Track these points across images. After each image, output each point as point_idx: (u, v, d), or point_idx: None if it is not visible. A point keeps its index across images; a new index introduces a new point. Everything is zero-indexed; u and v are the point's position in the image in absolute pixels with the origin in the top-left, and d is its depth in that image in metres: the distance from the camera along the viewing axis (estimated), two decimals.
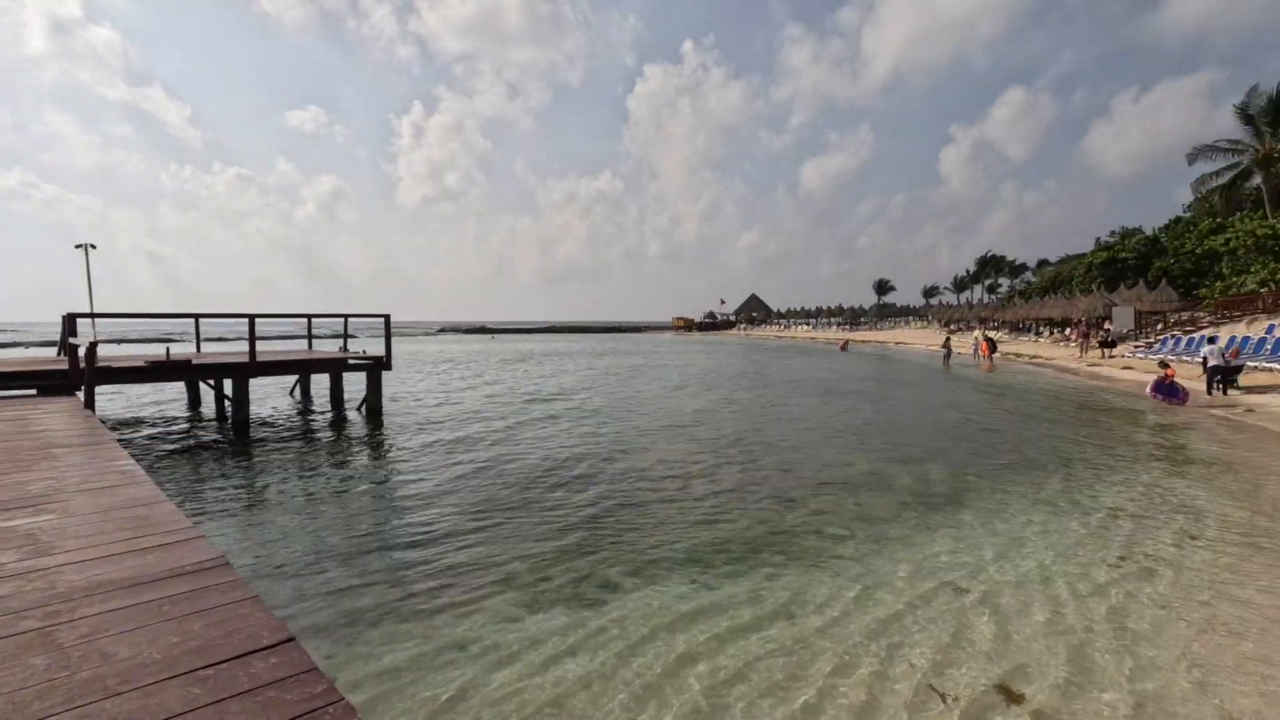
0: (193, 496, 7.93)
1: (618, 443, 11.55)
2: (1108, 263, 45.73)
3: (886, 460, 10.03)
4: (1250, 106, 38.14)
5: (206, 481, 8.70)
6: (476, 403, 16.90)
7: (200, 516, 7.07)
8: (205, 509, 7.41)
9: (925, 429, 12.84)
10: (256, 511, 7.40)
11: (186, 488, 8.29)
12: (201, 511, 7.28)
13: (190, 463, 9.84)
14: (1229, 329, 29.98)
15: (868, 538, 6.48)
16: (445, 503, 7.74)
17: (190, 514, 7.04)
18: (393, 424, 13.36)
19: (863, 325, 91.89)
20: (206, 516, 7.12)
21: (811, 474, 9.17)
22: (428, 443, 11.41)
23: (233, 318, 13.07)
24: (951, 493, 8.13)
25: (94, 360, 8.93)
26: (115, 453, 6.16)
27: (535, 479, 8.91)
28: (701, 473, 9.31)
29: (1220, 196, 39.74)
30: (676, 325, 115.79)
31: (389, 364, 14.36)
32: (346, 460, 10.25)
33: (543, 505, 7.69)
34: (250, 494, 8.14)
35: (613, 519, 7.16)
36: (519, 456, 10.37)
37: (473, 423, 13.61)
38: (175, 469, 9.40)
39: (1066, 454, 10.30)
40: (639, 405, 16.64)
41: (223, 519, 7.07)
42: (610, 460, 10.11)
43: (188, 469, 9.41)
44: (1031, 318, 46.51)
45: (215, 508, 7.49)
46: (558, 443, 11.47)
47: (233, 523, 6.95)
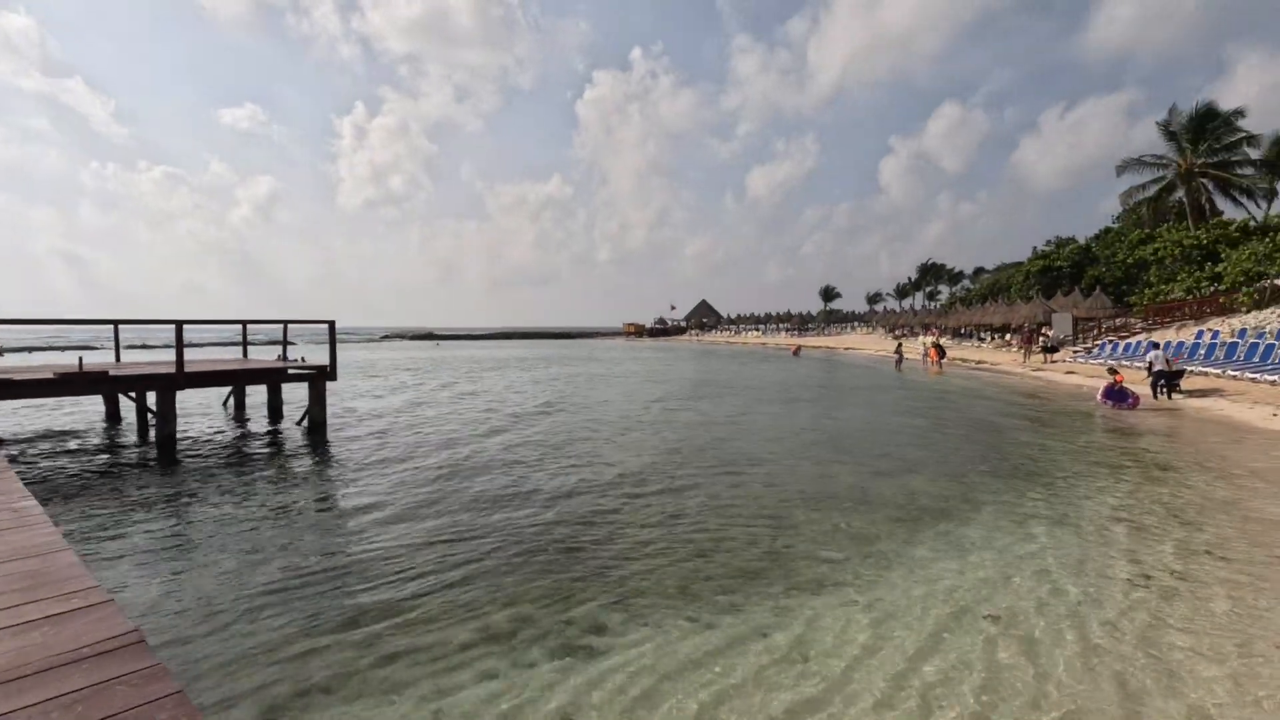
0: (104, 536, 6.93)
1: (589, 460, 10.93)
2: (1044, 270, 47.55)
3: (867, 472, 9.72)
4: (1172, 124, 40.27)
5: (122, 515, 7.68)
6: (431, 416, 15.98)
7: (112, 564, 6.10)
8: (119, 552, 6.44)
9: (897, 437, 12.65)
10: (182, 553, 6.48)
11: (97, 525, 7.26)
12: (115, 556, 6.31)
13: (104, 491, 8.75)
14: (1160, 334, 31.38)
15: (868, 560, 6.07)
16: (404, 534, 6.98)
17: (100, 561, 6.09)
18: (339, 441, 12.38)
19: (811, 331, 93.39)
20: (120, 562, 6.16)
21: (795, 489, 8.76)
22: (379, 462, 10.54)
23: (157, 324, 11.87)
24: (941, 507, 7.83)
25: None
26: (7, 485, 5.23)
27: (502, 503, 8.22)
28: (680, 490, 8.78)
29: (1147, 208, 41.79)
30: (627, 331, 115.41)
31: (334, 374, 13.35)
32: (287, 484, 9.31)
33: (513, 533, 7.02)
34: (175, 530, 7.19)
35: (592, 547, 6.55)
36: (482, 477, 9.63)
37: (428, 439, 12.75)
38: (85, 500, 8.31)
39: (1041, 462, 10.21)
40: (607, 418, 16.04)
41: (140, 566, 6.12)
42: (582, 480, 9.49)
43: (100, 500, 8.33)
44: (973, 324, 47.91)
45: (131, 550, 6.53)
46: (524, 461, 10.77)
47: (152, 571, 6.01)
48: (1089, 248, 46.58)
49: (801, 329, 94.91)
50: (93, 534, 6.83)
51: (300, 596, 5.31)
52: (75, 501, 8.05)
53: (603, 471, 9.85)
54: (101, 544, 6.52)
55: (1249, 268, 27.38)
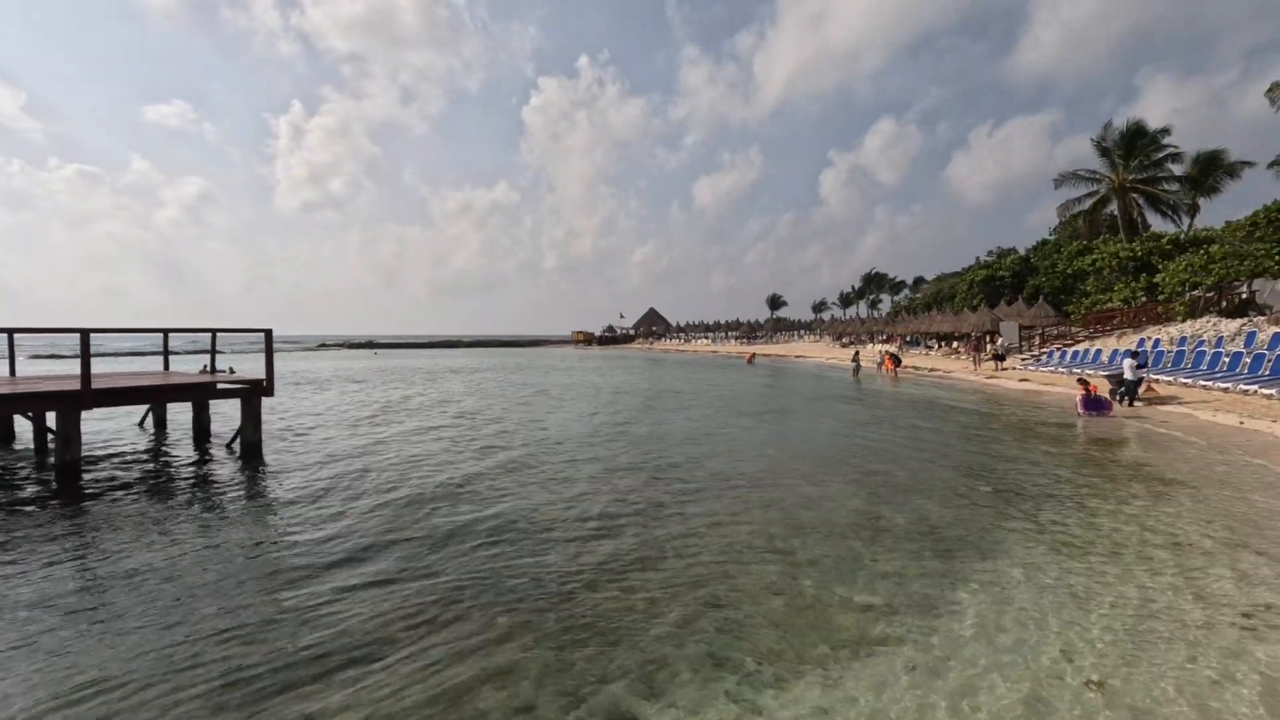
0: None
1: (565, 485, 9.91)
2: (987, 280, 48.90)
3: (866, 493, 9.04)
4: (1105, 140, 42.00)
5: (10, 563, 6.27)
6: (382, 436, 14.61)
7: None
8: (3, 611, 5.12)
9: (882, 453, 12.09)
10: (77, 621, 5.19)
11: None
12: None
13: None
14: (1101, 343, 32.39)
15: (911, 607, 5.31)
16: (359, 584, 5.85)
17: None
18: (276, 466, 10.98)
19: (759, 339, 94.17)
20: (4, 627, 4.86)
21: (799, 515, 7.98)
22: (323, 492, 9.26)
23: (59, 333, 10.25)
24: (961, 535, 7.18)
25: None
26: None
27: (472, 543, 7.13)
28: (676, 518, 7.88)
29: (1083, 220, 43.44)
30: (576, 339, 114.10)
31: (271, 389, 11.91)
32: (216, 522, 7.97)
33: (491, 584, 5.97)
34: (70, 587, 5.84)
35: (589, 598, 5.58)
36: (445, 509, 8.50)
37: (379, 464, 11.47)
38: None
39: (1041, 479, 9.76)
40: (577, 434, 15.01)
41: (17, 638, 4.84)
42: (565, 509, 8.47)
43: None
44: (921, 332, 48.81)
45: (20, 607, 5.21)
46: (494, 489, 9.66)
47: (32, 648, 4.74)
48: (1029, 258, 48.13)
49: (750, 337, 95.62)
50: None
51: (227, 681, 4.17)
52: None
53: (585, 500, 8.86)
54: None
55: (1185, 279, 28.45)
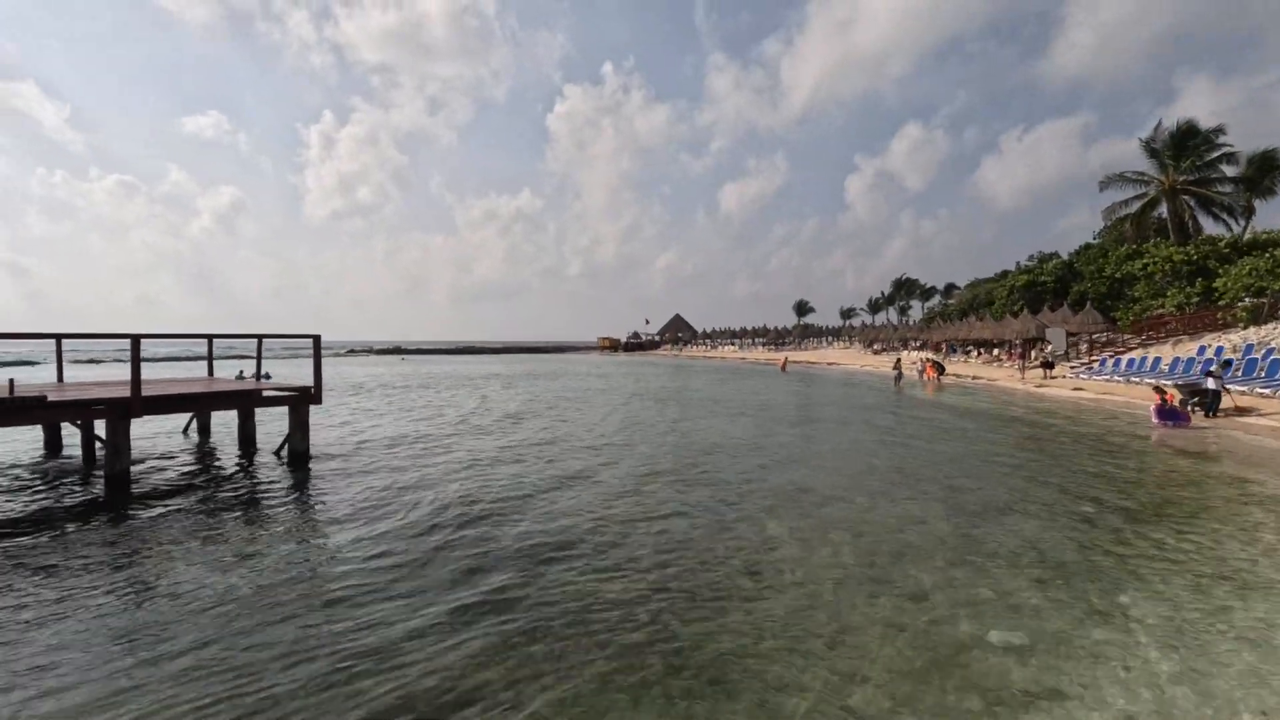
0: (33, 612, 5.19)
1: (632, 500, 9.40)
2: (1028, 285, 47.56)
3: (956, 512, 8.39)
4: (1155, 141, 40.63)
5: (59, 579, 5.92)
6: (431, 444, 14.24)
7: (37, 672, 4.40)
8: (53, 636, 4.73)
9: (957, 467, 11.39)
10: (134, 649, 4.78)
11: (23, 592, 5.50)
12: (43, 651, 4.60)
13: (40, 546, 6.93)
14: (1156, 350, 31.12)
15: (1053, 646, 4.68)
16: (432, 614, 5.38)
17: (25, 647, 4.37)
18: (326, 476, 10.62)
19: (787, 345, 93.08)
20: (51, 650, 4.47)
21: (892, 539, 7.36)
22: (378, 504, 8.85)
23: (109, 338, 10.05)
24: (1078, 560, 6.51)
25: None
26: None
27: (550, 562, 6.64)
28: (763, 543, 7.32)
29: (1131, 224, 42.03)
30: (602, 345, 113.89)
31: (319, 396, 11.59)
32: (271, 539, 7.58)
33: (581, 613, 5.46)
34: (123, 611, 5.45)
35: (688, 634, 5.04)
36: (512, 523, 8.03)
37: (434, 473, 11.07)
38: (11, 558, 6.50)
39: (1140, 496, 9.02)
40: (634, 442, 14.51)
41: (69, 668, 4.44)
42: (634, 525, 7.95)
43: (33, 558, 6.53)
44: (961, 338, 47.56)
45: (68, 628, 4.82)
46: (557, 502, 9.17)
47: (89, 663, 4.34)
48: (1072, 263, 46.71)
49: (778, 344, 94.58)
50: (14, 607, 5.07)
51: (303, 708, 3.71)
52: None
53: (657, 516, 8.33)
54: (24, 617, 4.79)
55: (1249, 283, 27.15)
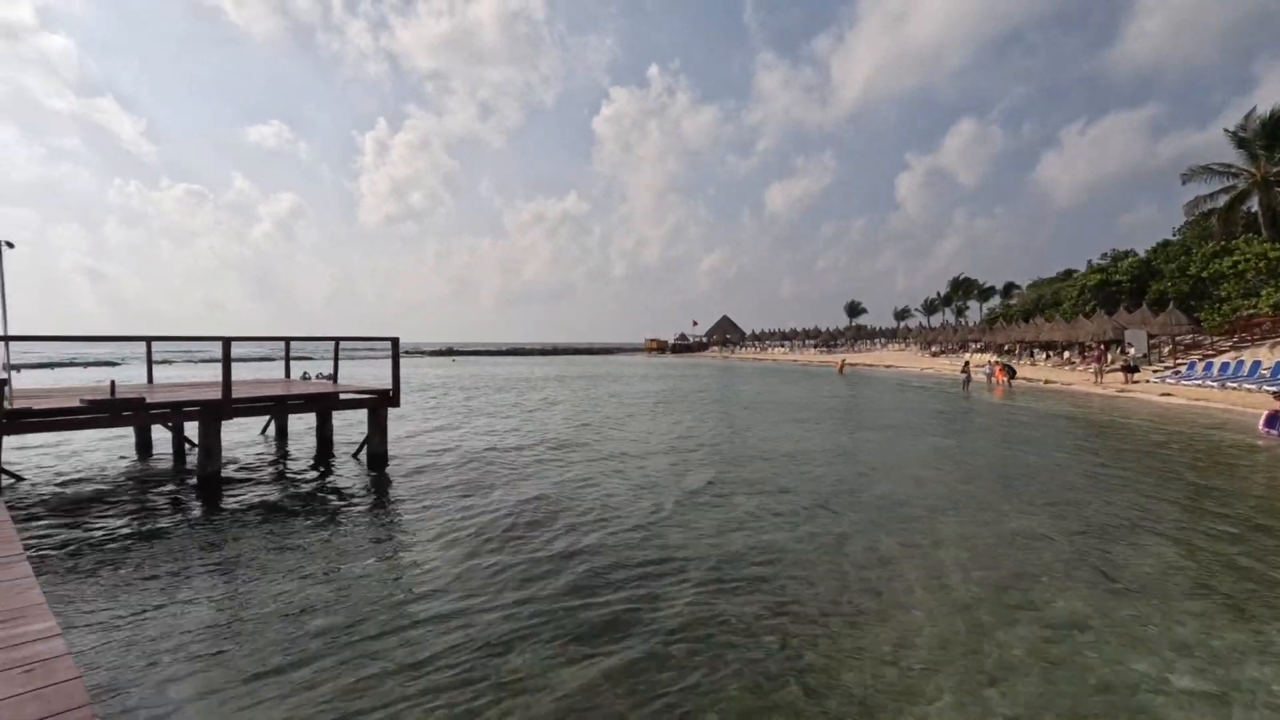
0: (135, 630, 5.14)
1: (724, 512, 9.05)
2: (1101, 285, 45.28)
3: (1079, 530, 7.76)
4: (1245, 130, 38.14)
5: (155, 591, 5.90)
6: (505, 445, 14.16)
7: (134, 683, 4.31)
8: (153, 657, 4.65)
9: (1057, 478, 10.67)
10: (237, 653, 4.66)
11: (126, 605, 5.48)
12: (148, 665, 4.52)
13: (142, 550, 6.97)
14: (1250, 353, 29.13)
15: (1251, 692, 4.14)
16: (538, 630, 5.13)
17: (126, 672, 4.28)
18: (406, 477, 10.60)
19: (839, 347, 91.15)
20: (154, 670, 4.37)
21: (1017, 559, 6.82)
22: (467, 513, 8.72)
23: (198, 340, 10.24)
24: (1240, 590, 5.88)
25: (2, 407, 6.07)
26: (17, 569, 3.48)
27: (656, 580, 6.34)
28: (878, 562, 6.87)
29: (1217, 219, 39.56)
30: (650, 347, 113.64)
31: (397, 399, 11.59)
32: (365, 544, 7.49)
33: (708, 642, 5.14)
34: (227, 620, 5.37)
35: (824, 665, 4.66)
36: (607, 534, 7.78)
37: (512, 477, 10.93)
38: (113, 562, 6.54)
39: (1271, 514, 8.23)
40: (715, 450, 14.15)
41: (166, 679, 4.32)
42: (738, 540, 7.60)
43: (137, 562, 6.56)
44: (1028, 340, 45.57)
45: (167, 647, 4.74)
46: (651, 516, 8.89)
47: (183, 686, 4.22)
48: (1150, 261, 44.24)
49: (830, 345, 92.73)
50: (121, 623, 5.03)
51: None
52: (102, 564, 6.29)
53: (758, 530, 7.96)
54: (124, 636, 4.73)
55: None
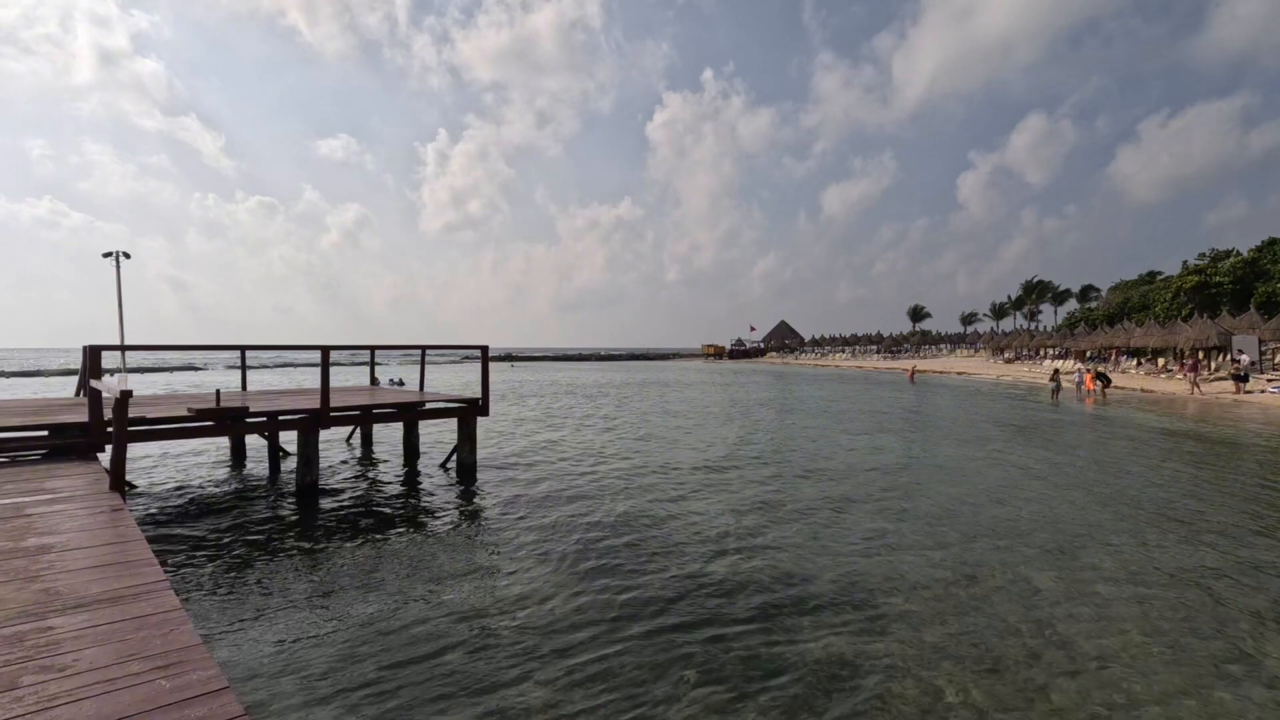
0: (273, 656, 4.92)
1: (834, 528, 8.45)
2: (1199, 287, 42.29)
3: (1248, 561, 6.86)
4: None
5: (269, 601, 5.71)
6: (586, 453, 13.86)
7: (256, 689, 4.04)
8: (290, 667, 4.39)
9: (1208, 501, 9.62)
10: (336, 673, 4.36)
11: (257, 624, 5.29)
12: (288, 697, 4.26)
13: (256, 565, 6.87)
14: None
15: None
16: (666, 671, 4.68)
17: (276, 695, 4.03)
18: (497, 488, 10.37)
19: (904, 353, 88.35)
20: (261, 684, 4.10)
21: (1217, 606, 6.02)
22: (565, 527, 8.39)
23: (299, 349, 10.28)
24: None
25: (125, 418, 6.02)
26: (159, 601, 3.25)
27: (769, 601, 5.82)
28: (1044, 599, 6.18)
29: None
30: (707, 352, 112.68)
31: (486, 408, 11.41)
32: (470, 560, 7.22)
33: (852, 677, 4.60)
34: (355, 630, 5.10)
35: (994, 713, 4.06)
36: (706, 553, 7.30)
37: (603, 487, 10.58)
38: (235, 578, 6.42)
39: None
40: (800, 459, 13.54)
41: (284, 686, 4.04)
42: (851, 559, 7.01)
43: (261, 578, 6.43)
44: (1117, 346, 42.92)
45: (302, 670, 4.48)
46: (754, 534, 8.39)
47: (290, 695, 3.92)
48: (1255, 261, 41.07)
49: (894, 351, 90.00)
50: (256, 643, 4.83)
51: None
52: (221, 577, 6.17)
53: (898, 557, 7.34)
54: (261, 661, 4.49)
55: None
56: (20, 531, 4.58)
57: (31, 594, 3.45)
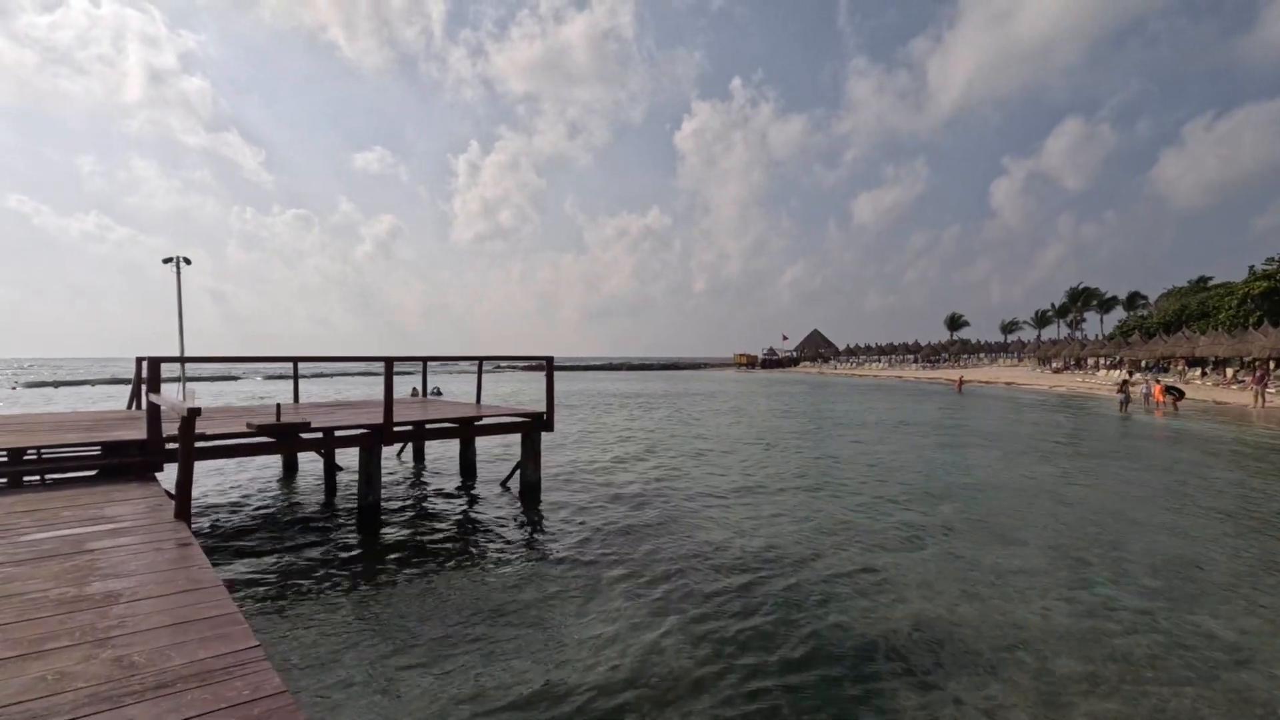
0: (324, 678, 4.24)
1: (947, 560, 7.58)
2: (1268, 293, 40.14)
3: None
4: None
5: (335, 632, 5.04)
6: (658, 475, 13.12)
7: None
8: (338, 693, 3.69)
9: None
10: None
11: (328, 666, 4.62)
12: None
13: (330, 604, 6.24)
14: None
15: None
16: None
17: None
18: (561, 509, 9.68)
19: (943, 362, 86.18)
20: None
21: None
22: (643, 557, 7.64)
23: (355, 360, 9.75)
24: None
25: (192, 439, 5.43)
26: (257, 681, 2.58)
27: (901, 655, 4.99)
28: (1230, 652, 5.26)
29: None
30: (739, 362, 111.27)
31: (550, 423, 10.73)
32: (552, 593, 6.50)
33: None
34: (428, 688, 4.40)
35: None
36: (804, 589, 6.49)
37: (675, 511, 9.83)
38: (306, 622, 5.79)
39: None
40: (876, 477, 12.65)
41: None
42: (966, 602, 6.14)
43: (317, 612, 5.79)
44: (1179, 355, 40.92)
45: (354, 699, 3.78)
46: (857, 569, 7.56)
47: None
48: None
49: (932, 360, 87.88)
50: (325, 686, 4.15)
51: None
52: (295, 610, 5.55)
53: (1030, 603, 6.46)
54: None
55: None
56: (83, 573, 3.97)
57: (104, 666, 2.80)
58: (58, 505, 5.64)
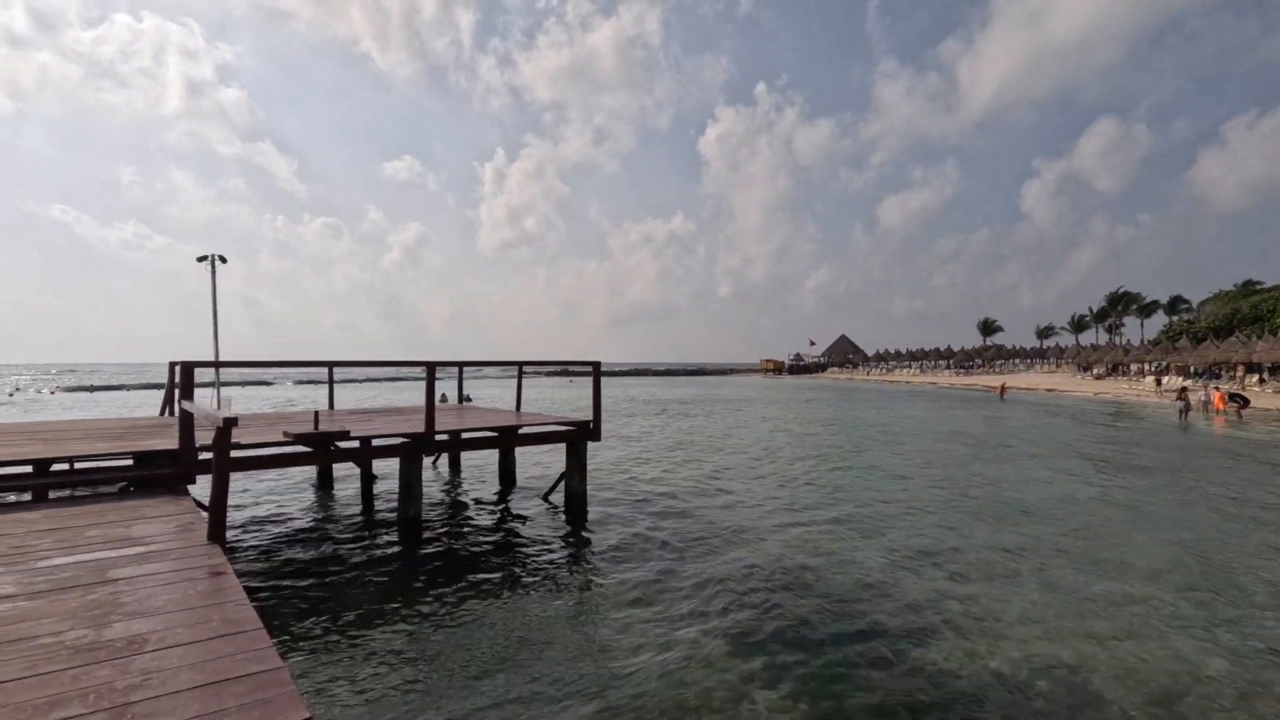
0: None
1: (1043, 590, 6.82)
2: None
3: None
4: None
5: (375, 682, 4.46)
6: (705, 487, 12.46)
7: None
8: None
9: None
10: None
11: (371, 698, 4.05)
12: None
13: (365, 618, 5.69)
14: None
15: None
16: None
17: None
18: (606, 523, 9.07)
19: (977, 368, 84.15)
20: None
21: None
22: (699, 578, 6.99)
23: (406, 365, 9.30)
24: None
25: (228, 451, 4.91)
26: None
27: (980, 687, 4.27)
28: None
29: None
30: (766, 367, 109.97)
31: (598, 432, 10.14)
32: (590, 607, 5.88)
33: None
34: None
35: None
36: (880, 609, 5.78)
37: (728, 527, 9.17)
38: (339, 635, 5.24)
39: None
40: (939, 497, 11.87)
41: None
42: (1075, 640, 5.38)
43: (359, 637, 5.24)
44: (1236, 361, 39.12)
45: None
46: (928, 590, 6.83)
47: None
48: None
49: (965, 366, 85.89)
50: None
51: None
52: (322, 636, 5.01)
53: (1140, 641, 5.69)
54: None
55: None
56: (105, 609, 3.44)
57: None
58: (83, 524, 5.16)
